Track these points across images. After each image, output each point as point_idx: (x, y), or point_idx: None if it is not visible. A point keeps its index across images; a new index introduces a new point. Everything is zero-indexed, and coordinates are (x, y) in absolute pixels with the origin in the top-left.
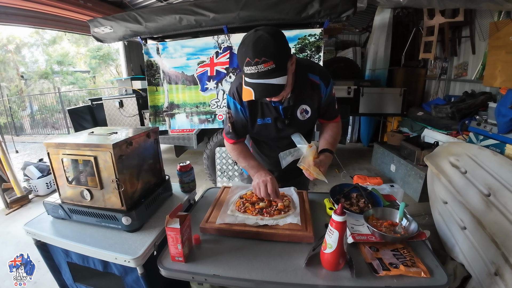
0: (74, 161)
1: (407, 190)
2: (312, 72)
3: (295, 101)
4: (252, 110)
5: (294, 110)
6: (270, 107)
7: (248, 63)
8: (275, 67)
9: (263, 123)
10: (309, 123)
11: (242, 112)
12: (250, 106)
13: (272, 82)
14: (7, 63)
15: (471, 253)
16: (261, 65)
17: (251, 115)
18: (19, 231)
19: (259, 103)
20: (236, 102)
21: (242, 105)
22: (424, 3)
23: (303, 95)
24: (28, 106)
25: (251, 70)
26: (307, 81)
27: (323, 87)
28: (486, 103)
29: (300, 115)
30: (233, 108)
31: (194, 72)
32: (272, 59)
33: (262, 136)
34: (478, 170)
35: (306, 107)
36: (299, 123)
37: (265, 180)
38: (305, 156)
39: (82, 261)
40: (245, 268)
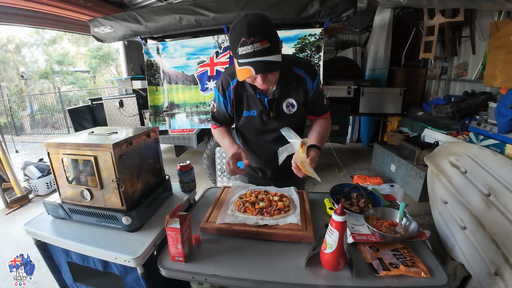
0: (74, 161)
1: (407, 190)
2: (298, 66)
3: (280, 94)
4: (238, 102)
5: (279, 103)
6: (255, 99)
7: (243, 43)
8: (270, 46)
9: (248, 116)
10: (295, 118)
11: (224, 104)
12: (236, 99)
13: (268, 59)
14: (7, 63)
15: (471, 253)
16: (257, 44)
17: (237, 107)
18: (19, 231)
19: (245, 96)
20: (220, 94)
21: (224, 97)
22: (424, 3)
23: (288, 88)
24: (28, 106)
25: (247, 50)
26: (292, 75)
27: (309, 80)
28: (486, 103)
29: (286, 108)
30: (216, 100)
31: (194, 72)
32: (267, 38)
33: (248, 129)
34: (478, 170)
35: (292, 101)
36: (285, 117)
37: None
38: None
39: (82, 261)
40: (245, 268)
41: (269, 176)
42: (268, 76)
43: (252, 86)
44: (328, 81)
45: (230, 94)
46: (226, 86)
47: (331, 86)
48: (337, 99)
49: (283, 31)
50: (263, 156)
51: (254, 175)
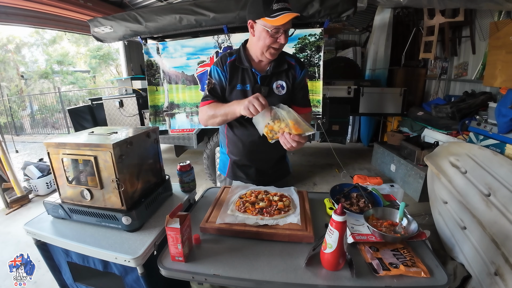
0: (74, 161)
1: (407, 190)
2: (289, 56)
3: (272, 73)
4: (233, 76)
5: (270, 82)
6: (250, 75)
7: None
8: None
9: (242, 89)
10: (283, 100)
11: (224, 77)
12: (231, 72)
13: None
14: (7, 63)
15: (471, 253)
16: (286, 3)
17: (231, 80)
18: (19, 231)
19: (240, 70)
20: (219, 68)
21: (223, 70)
22: (424, 3)
23: (280, 69)
24: (28, 106)
25: (282, 5)
26: (284, 61)
27: (298, 69)
28: (486, 103)
29: (276, 89)
30: (216, 74)
31: (194, 72)
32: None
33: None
34: (478, 170)
35: (282, 83)
36: (274, 97)
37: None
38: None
39: (82, 260)
40: (245, 268)
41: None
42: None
43: (248, 61)
44: (328, 81)
45: (226, 67)
46: (224, 61)
47: (331, 86)
48: (337, 99)
49: None
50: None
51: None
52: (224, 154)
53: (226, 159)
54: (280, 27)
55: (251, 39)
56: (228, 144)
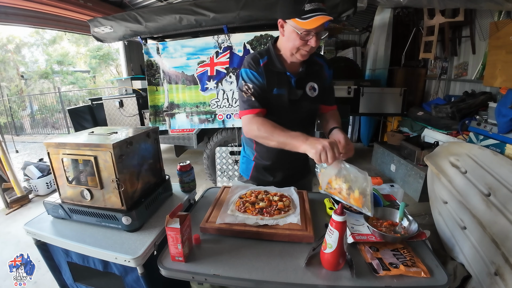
0: (74, 161)
1: (407, 190)
2: (317, 55)
3: (305, 75)
4: (269, 79)
5: (304, 85)
6: (284, 78)
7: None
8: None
9: (278, 93)
10: (315, 102)
11: (262, 79)
12: (268, 75)
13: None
14: (7, 63)
15: (471, 253)
16: (320, 4)
17: (268, 83)
18: (19, 231)
19: (276, 73)
20: (254, 71)
21: (257, 71)
22: (424, 3)
23: (312, 71)
24: (28, 106)
25: (315, 6)
26: (314, 61)
27: (326, 68)
28: (486, 103)
29: (309, 91)
30: (252, 77)
31: (194, 72)
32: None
33: (274, 110)
34: (478, 170)
35: (314, 84)
36: (307, 99)
37: (326, 144)
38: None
39: (82, 261)
40: (245, 268)
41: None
42: (317, 41)
43: (281, 64)
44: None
45: (261, 69)
46: (257, 62)
47: None
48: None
49: None
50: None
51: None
52: (248, 157)
53: (250, 163)
54: (311, 30)
55: (281, 39)
56: (256, 148)
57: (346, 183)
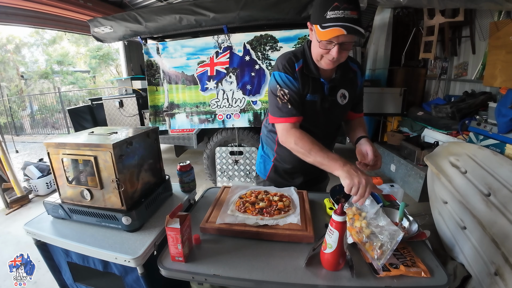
0: (74, 161)
1: (407, 190)
2: (351, 60)
3: (339, 82)
4: (304, 84)
5: (336, 92)
6: (317, 84)
7: (335, 7)
8: (357, 18)
9: (311, 100)
10: (345, 110)
11: (298, 85)
12: (303, 80)
13: (356, 27)
14: (7, 63)
15: (471, 253)
16: (348, 11)
17: (303, 89)
18: (19, 231)
19: (310, 79)
20: (290, 76)
21: (294, 77)
22: (424, 3)
23: (344, 78)
24: (28, 106)
25: (337, 15)
26: (348, 67)
27: (359, 75)
28: (486, 103)
29: (339, 99)
30: (288, 82)
31: (194, 72)
32: (357, 10)
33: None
34: (478, 170)
35: (344, 92)
36: (338, 107)
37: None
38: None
39: (82, 261)
40: (245, 268)
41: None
42: (343, 51)
43: (316, 69)
44: None
45: (297, 75)
46: (292, 66)
47: None
48: None
49: (283, 31)
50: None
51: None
52: (267, 157)
53: (269, 163)
54: (327, 41)
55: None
56: (277, 150)
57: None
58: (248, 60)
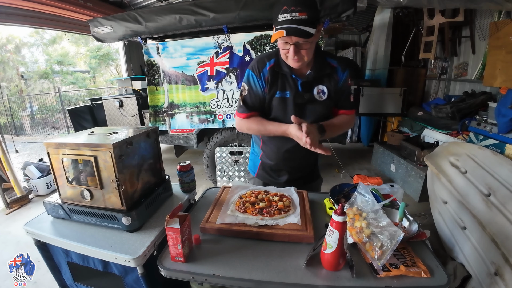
0: (74, 161)
1: (407, 190)
2: (331, 57)
3: (313, 78)
4: (272, 82)
5: (311, 88)
6: (289, 81)
7: (284, 10)
8: (308, 18)
9: (281, 97)
10: (325, 106)
11: (259, 84)
12: (271, 78)
13: (301, 27)
14: (7, 63)
15: (471, 253)
16: (295, 13)
17: (270, 87)
18: (19, 231)
19: (280, 76)
20: (255, 74)
21: (259, 77)
22: (424, 3)
23: (321, 74)
24: (28, 106)
25: (286, 17)
26: (325, 63)
27: (339, 70)
28: (486, 103)
29: (317, 94)
30: (251, 81)
31: (194, 72)
32: (306, 11)
33: (278, 113)
34: (478, 170)
35: (323, 88)
36: (315, 103)
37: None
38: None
39: (82, 261)
40: (245, 268)
41: (284, 181)
42: (300, 51)
43: (287, 66)
44: None
45: (265, 74)
46: (262, 66)
47: None
48: None
49: None
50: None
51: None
52: (255, 155)
53: (257, 160)
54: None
55: None
56: (262, 147)
57: (369, 230)
58: (248, 60)
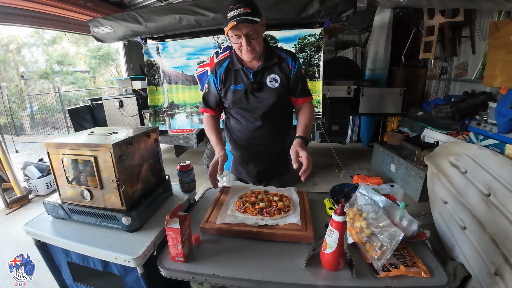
0: (74, 161)
1: (407, 190)
2: (280, 50)
3: (264, 68)
4: (226, 78)
5: (263, 77)
6: (242, 74)
7: (231, 9)
8: (251, 11)
9: (235, 89)
10: (278, 93)
11: (215, 83)
12: (225, 75)
13: (248, 17)
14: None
15: (471, 253)
16: (241, 9)
17: (225, 82)
18: (19, 231)
19: (233, 72)
20: (212, 75)
21: (215, 76)
22: (424, 3)
23: (271, 64)
24: (28, 106)
25: (234, 13)
26: (274, 54)
27: (290, 60)
28: (486, 103)
29: (270, 83)
30: (210, 81)
31: (194, 72)
32: (249, 6)
33: (236, 103)
34: (478, 170)
35: (275, 76)
36: (268, 90)
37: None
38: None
39: (82, 261)
40: (245, 268)
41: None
42: (252, 41)
43: (240, 62)
44: (328, 81)
45: (220, 74)
46: (218, 67)
47: (331, 86)
48: (337, 99)
49: (283, 31)
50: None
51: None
52: (228, 151)
53: (229, 155)
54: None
55: None
56: (230, 140)
57: (369, 230)
58: None
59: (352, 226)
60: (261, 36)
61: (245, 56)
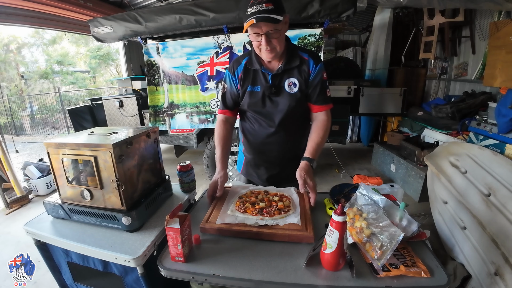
0: (74, 161)
1: (407, 190)
2: (302, 51)
3: (283, 71)
4: (245, 78)
5: (282, 80)
6: (261, 76)
7: (252, 3)
8: (274, 8)
9: (252, 91)
10: (296, 98)
11: (233, 82)
12: (244, 74)
13: (269, 15)
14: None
15: (471, 253)
16: (262, 5)
17: (243, 82)
18: (19, 231)
19: (252, 72)
20: (230, 74)
21: (234, 75)
22: (424, 3)
23: (291, 65)
24: (28, 106)
25: (254, 9)
26: (296, 56)
27: (311, 63)
28: (486, 103)
29: (288, 87)
30: (227, 80)
31: (194, 72)
32: (272, 2)
33: (251, 106)
34: (478, 170)
35: (294, 80)
36: (286, 95)
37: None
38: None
39: (82, 261)
40: (245, 268)
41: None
42: (272, 40)
43: (259, 62)
44: (328, 81)
45: (239, 72)
46: (237, 65)
47: (331, 86)
48: (337, 99)
49: None
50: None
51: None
52: (241, 151)
53: (242, 156)
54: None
55: None
56: (243, 141)
57: (369, 230)
58: None
59: (352, 226)
60: (282, 35)
61: (264, 55)
